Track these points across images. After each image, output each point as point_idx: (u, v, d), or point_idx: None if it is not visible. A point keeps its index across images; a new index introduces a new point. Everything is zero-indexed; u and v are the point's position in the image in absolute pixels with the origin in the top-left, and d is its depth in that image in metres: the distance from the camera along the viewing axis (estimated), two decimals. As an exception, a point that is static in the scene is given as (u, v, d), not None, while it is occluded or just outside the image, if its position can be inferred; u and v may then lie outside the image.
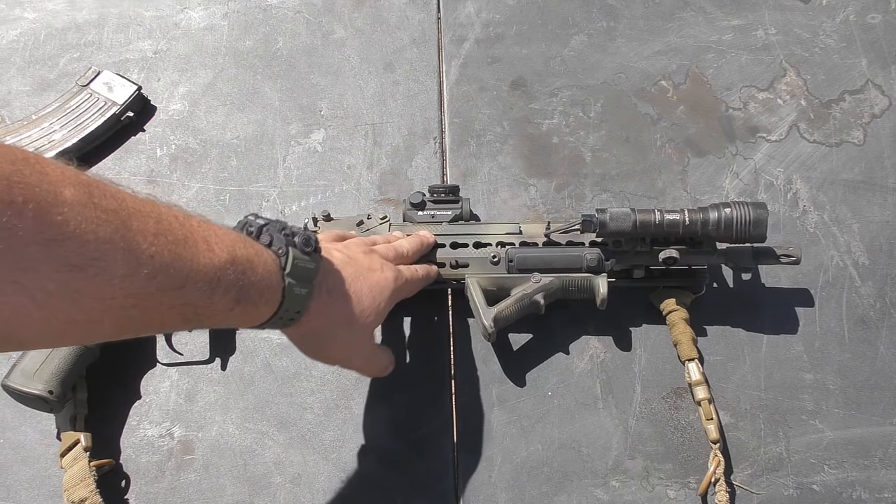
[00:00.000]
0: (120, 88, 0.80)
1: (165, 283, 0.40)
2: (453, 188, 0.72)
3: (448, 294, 0.73)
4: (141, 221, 0.38)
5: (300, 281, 0.50)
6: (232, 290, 0.44)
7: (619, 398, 0.69)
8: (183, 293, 0.41)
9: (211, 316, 0.45)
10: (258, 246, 0.49)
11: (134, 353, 0.70)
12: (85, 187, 0.36)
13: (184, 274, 0.41)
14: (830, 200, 0.77)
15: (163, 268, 0.39)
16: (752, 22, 0.88)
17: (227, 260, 0.44)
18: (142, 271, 0.38)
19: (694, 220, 0.64)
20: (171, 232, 0.40)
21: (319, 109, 0.84)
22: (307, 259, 0.50)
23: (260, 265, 0.47)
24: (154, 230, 0.39)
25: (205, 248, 0.42)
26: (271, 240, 0.50)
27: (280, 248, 0.50)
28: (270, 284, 0.48)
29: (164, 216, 0.41)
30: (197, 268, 0.41)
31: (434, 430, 0.68)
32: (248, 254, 0.46)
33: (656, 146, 0.81)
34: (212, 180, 0.79)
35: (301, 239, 0.51)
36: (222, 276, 0.43)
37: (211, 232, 0.44)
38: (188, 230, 0.42)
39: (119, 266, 0.37)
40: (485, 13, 0.90)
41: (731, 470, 0.66)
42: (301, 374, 0.70)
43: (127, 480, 0.65)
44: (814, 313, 0.72)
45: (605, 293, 0.66)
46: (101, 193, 0.37)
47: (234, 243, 0.45)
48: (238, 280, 0.45)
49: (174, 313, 0.42)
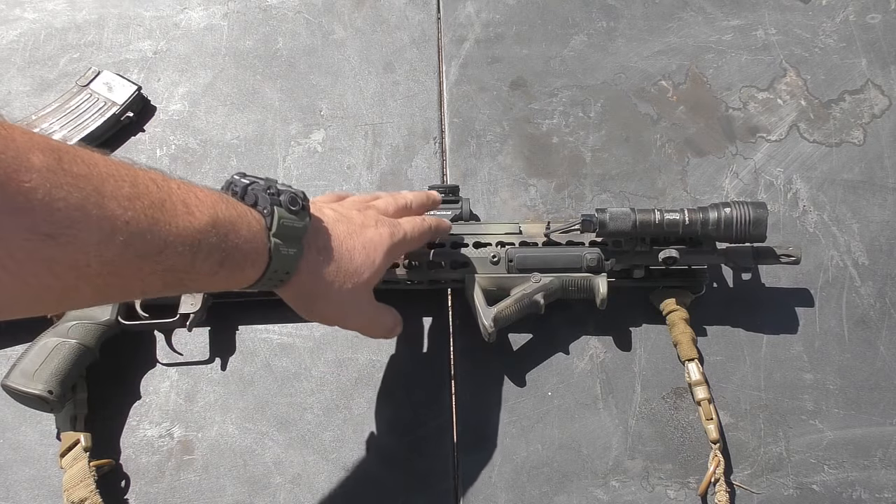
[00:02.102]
0: (120, 88, 0.80)
1: (143, 248, 0.39)
2: (453, 188, 0.72)
3: (448, 294, 0.73)
4: (114, 186, 0.37)
5: (287, 241, 0.49)
6: (215, 253, 0.43)
7: (619, 398, 0.69)
8: (162, 258, 0.40)
9: (195, 280, 0.44)
10: (241, 206, 0.47)
11: (134, 353, 0.70)
12: (54, 153, 0.35)
13: (162, 238, 0.40)
14: (830, 200, 0.77)
15: (139, 233, 0.38)
16: (752, 22, 0.88)
17: (208, 222, 0.43)
18: (117, 238, 0.37)
19: (694, 219, 0.64)
20: (148, 195, 0.39)
21: (319, 109, 0.84)
22: (294, 218, 0.49)
23: (243, 226, 0.46)
24: (129, 194, 0.38)
25: (184, 210, 0.41)
26: (256, 199, 0.49)
27: (265, 208, 0.48)
28: (255, 246, 0.47)
29: (140, 179, 0.40)
30: (176, 232, 0.40)
31: (434, 430, 0.68)
32: (231, 215, 0.45)
33: (656, 146, 0.81)
34: (212, 180, 0.79)
35: (287, 197, 0.49)
36: (203, 239, 0.42)
37: (191, 194, 0.43)
38: (166, 193, 0.41)
39: (93, 233, 0.36)
40: (485, 13, 0.90)
41: (731, 470, 0.66)
42: (301, 374, 0.70)
43: (127, 480, 0.65)
44: (814, 313, 0.72)
45: (605, 293, 0.66)
46: (72, 159, 0.36)
47: (216, 205, 0.44)
48: (221, 243, 0.44)
49: (155, 278, 0.41)
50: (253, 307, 0.70)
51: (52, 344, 0.63)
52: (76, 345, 0.63)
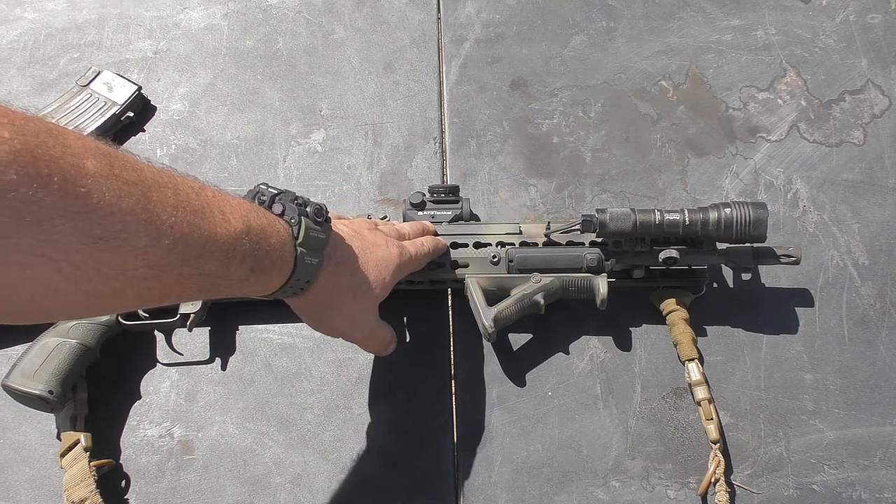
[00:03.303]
0: (120, 88, 0.80)
1: (185, 253, 0.40)
2: (453, 188, 0.72)
3: (448, 294, 0.73)
4: (160, 192, 0.39)
5: (311, 251, 0.51)
6: (248, 259, 0.45)
7: (619, 398, 0.69)
8: (200, 263, 0.42)
9: (227, 286, 0.45)
10: (271, 215, 0.50)
11: (134, 354, 0.70)
12: (106, 158, 0.36)
13: (201, 244, 0.41)
14: (830, 200, 0.77)
15: (182, 238, 0.40)
16: (752, 22, 0.88)
17: (243, 230, 0.44)
18: (163, 242, 0.38)
19: (694, 220, 0.64)
20: (189, 202, 0.41)
21: (319, 109, 0.84)
22: (318, 229, 0.52)
23: (273, 234, 0.48)
24: (173, 201, 0.39)
25: (221, 218, 0.43)
26: (283, 209, 0.51)
27: (293, 218, 0.50)
28: (283, 254, 0.49)
29: (181, 186, 0.41)
30: (214, 238, 0.42)
31: (434, 430, 0.68)
32: (262, 223, 0.47)
33: (656, 146, 0.81)
34: (212, 180, 0.78)
35: (313, 209, 0.52)
36: (238, 245, 0.44)
37: (226, 202, 0.45)
38: (204, 200, 0.42)
39: (141, 237, 0.37)
40: (485, 13, 0.90)
41: (731, 470, 0.66)
42: (301, 374, 0.70)
43: (127, 480, 0.65)
44: (814, 313, 0.72)
45: (605, 293, 0.66)
46: (122, 165, 0.37)
47: (249, 213, 0.46)
48: (253, 249, 0.45)
49: (191, 283, 0.42)
50: (253, 307, 0.70)
51: (53, 344, 0.63)
52: (76, 345, 0.63)
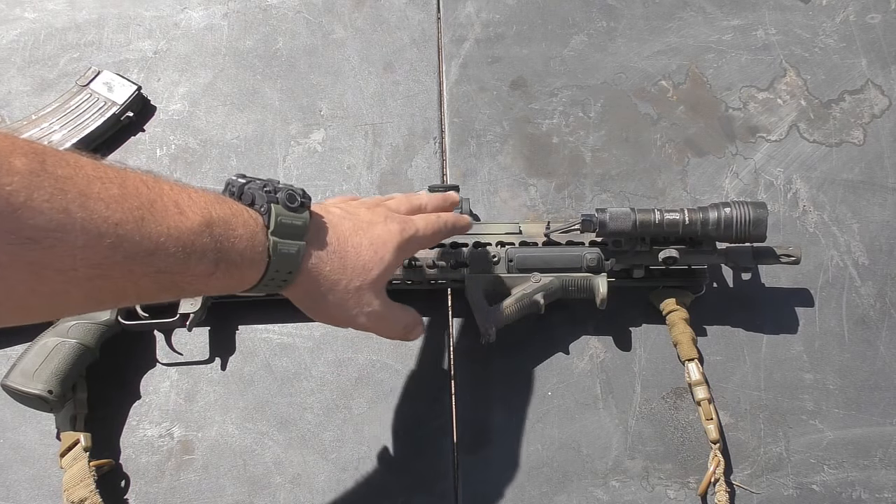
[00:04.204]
0: (120, 88, 0.80)
1: (132, 250, 0.38)
2: (453, 188, 0.72)
3: (448, 294, 0.73)
4: (101, 187, 0.37)
5: (287, 239, 0.48)
6: (209, 253, 0.43)
7: (619, 398, 0.69)
8: (153, 260, 0.39)
9: (191, 283, 0.43)
10: (237, 205, 0.47)
11: (134, 354, 0.70)
12: (38, 156, 0.34)
13: (152, 240, 0.39)
14: (830, 200, 0.77)
15: (127, 235, 0.38)
16: (752, 22, 0.88)
17: (201, 223, 0.42)
18: (104, 241, 0.37)
19: (694, 219, 0.64)
20: (137, 196, 0.39)
21: (319, 109, 0.84)
22: (293, 215, 0.48)
23: (239, 225, 0.45)
24: (117, 195, 0.37)
25: (175, 211, 0.41)
26: (253, 198, 0.48)
27: (262, 206, 0.47)
28: (253, 245, 0.46)
29: (130, 181, 0.39)
30: (167, 232, 0.40)
31: (434, 430, 0.68)
32: (225, 214, 0.44)
33: (656, 146, 0.81)
34: (212, 180, 0.79)
35: (284, 195, 0.48)
36: (196, 240, 0.42)
37: (184, 195, 0.42)
38: (156, 194, 0.40)
39: (78, 235, 0.35)
40: (485, 13, 0.90)
41: (731, 470, 0.66)
42: (301, 374, 0.70)
43: (127, 480, 0.66)
44: (814, 313, 0.72)
45: (605, 293, 0.66)
46: (56, 161, 0.35)
47: (210, 205, 0.43)
48: (215, 243, 0.43)
49: (147, 281, 0.40)
50: (253, 307, 0.70)
51: (52, 344, 0.63)
52: (76, 344, 0.63)
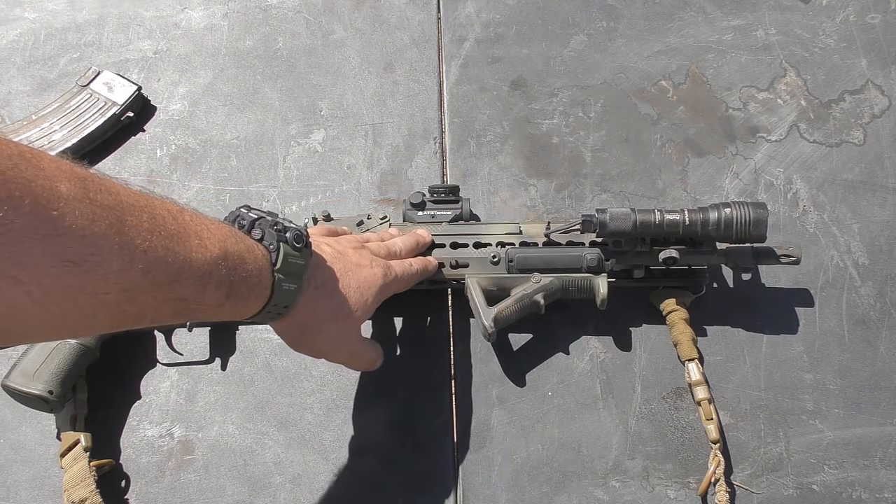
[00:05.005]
0: (120, 88, 0.80)
1: (158, 277, 0.40)
2: (453, 188, 0.72)
3: (448, 294, 0.73)
4: (135, 216, 0.38)
5: (289, 276, 0.50)
6: (223, 285, 0.45)
7: (619, 398, 0.69)
8: (175, 287, 0.41)
9: (202, 310, 0.45)
10: (249, 241, 0.49)
11: (134, 354, 0.70)
12: (80, 182, 0.36)
13: (176, 269, 0.41)
14: (830, 200, 0.77)
15: (156, 263, 0.39)
16: (752, 22, 0.88)
17: (219, 255, 0.44)
18: (136, 266, 0.38)
19: (694, 220, 0.64)
20: (165, 227, 0.41)
21: (319, 109, 0.84)
22: (297, 255, 0.51)
23: (251, 260, 0.47)
24: (148, 226, 0.39)
25: (197, 243, 0.43)
26: (263, 234, 0.50)
27: (271, 244, 0.50)
28: (260, 280, 0.48)
29: (158, 210, 0.41)
30: (189, 263, 0.42)
31: (434, 430, 0.68)
32: (240, 249, 0.47)
33: (656, 146, 0.81)
34: (212, 180, 0.79)
35: (292, 235, 0.51)
36: (214, 271, 0.44)
37: (203, 227, 0.44)
38: (181, 225, 0.42)
39: (114, 261, 0.37)
40: (485, 13, 0.90)
41: (731, 470, 0.66)
42: (301, 374, 0.70)
43: (127, 480, 0.66)
44: (814, 313, 0.72)
45: (605, 293, 0.66)
46: (97, 188, 0.37)
47: (226, 238, 0.46)
48: (229, 275, 0.45)
49: (166, 307, 0.42)
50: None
51: (53, 344, 0.63)
52: (76, 345, 0.63)
